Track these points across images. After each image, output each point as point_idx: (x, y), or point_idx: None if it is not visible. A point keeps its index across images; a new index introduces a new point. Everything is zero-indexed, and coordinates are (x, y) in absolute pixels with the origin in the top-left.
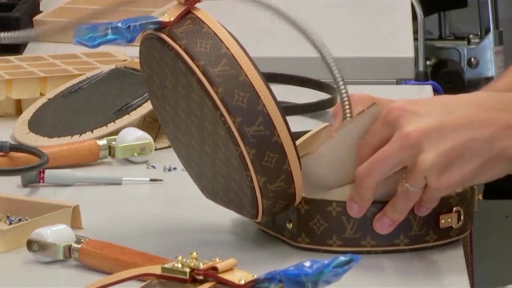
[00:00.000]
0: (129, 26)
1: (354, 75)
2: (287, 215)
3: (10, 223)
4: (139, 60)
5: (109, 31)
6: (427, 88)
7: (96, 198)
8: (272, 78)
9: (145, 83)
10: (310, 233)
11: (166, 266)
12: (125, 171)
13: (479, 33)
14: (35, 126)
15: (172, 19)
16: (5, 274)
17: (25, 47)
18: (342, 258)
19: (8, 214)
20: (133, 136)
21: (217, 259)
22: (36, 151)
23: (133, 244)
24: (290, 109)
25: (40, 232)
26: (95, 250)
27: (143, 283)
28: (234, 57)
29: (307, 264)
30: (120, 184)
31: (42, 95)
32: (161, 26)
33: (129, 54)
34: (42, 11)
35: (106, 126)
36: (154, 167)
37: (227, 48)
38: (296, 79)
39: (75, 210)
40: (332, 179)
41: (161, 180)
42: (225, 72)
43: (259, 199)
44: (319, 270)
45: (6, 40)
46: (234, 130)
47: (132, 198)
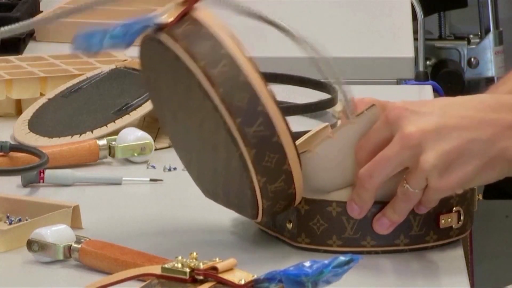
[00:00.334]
0: (127, 32)
1: (354, 75)
2: (287, 215)
3: (10, 223)
4: (139, 61)
5: (107, 37)
6: (427, 88)
7: (96, 198)
8: (272, 78)
9: (145, 84)
10: (310, 233)
11: (166, 266)
12: (125, 171)
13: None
14: (35, 126)
15: (171, 20)
16: (5, 274)
17: (25, 47)
18: (342, 258)
19: (8, 214)
20: (133, 136)
21: (217, 259)
22: (36, 151)
23: (133, 244)
24: (290, 109)
25: (40, 232)
26: (95, 250)
27: (143, 283)
28: (234, 57)
29: (307, 264)
30: (120, 184)
31: (42, 95)
32: (160, 27)
33: (129, 54)
34: (42, 11)
35: (106, 126)
36: (154, 167)
37: (227, 49)
38: (296, 79)
39: (75, 210)
40: (329, 180)
41: (161, 180)
42: (224, 73)
43: (259, 199)
44: (319, 270)
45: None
46: (234, 131)
47: (132, 198)
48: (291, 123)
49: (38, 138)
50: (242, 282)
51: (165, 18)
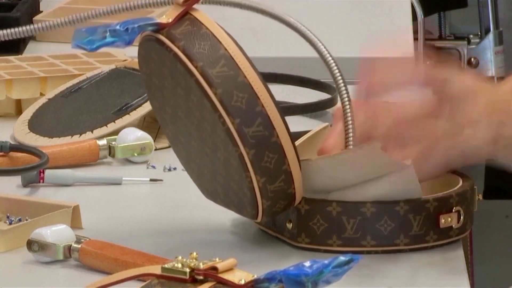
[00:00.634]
0: (127, 29)
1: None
2: (287, 215)
3: (10, 223)
4: (138, 61)
5: (107, 34)
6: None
7: (96, 198)
8: (272, 78)
9: (144, 84)
10: (310, 233)
11: (166, 266)
12: (125, 171)
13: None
14: (35, 126)
15: (170, 20)
16: (5, 274)
17: (25, 47)
18: (342, 258)
19: (8, 214)
20: (133, 136)
21: (217, 259)
22: (36, 151)
23: (133, 244)
24: (290, 109)
25: (40, 232)
26: (95, 250)
27: (143, 283)
28: (233, 58)
29: (307, 264)
30: (120, 184)
31: (42, 95)
32: (159, 28)
33: (129, 54)
34: (42, 11)
35: (106, 126)
36: (154, 167)
37: (225, 49)
38: (296, 79)
39: (75, 210)
40: (327, 186)
41: (161, 180)
42: (223, 73)
43: (259, 199)
44: (319, 270)
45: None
46: (233, 131)
47: (132, 198)
48: (291, 123)
49: (38, 138)
50: (242, 282)
51: (164, 19)
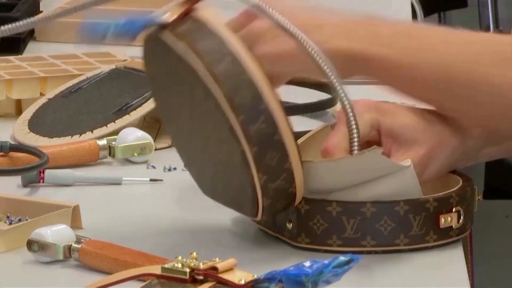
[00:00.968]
0: (131, 24)
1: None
2: (287, 215)
3: (10, 223)
4: (141, 60)
5: (112, 27)
6: None
7: (96, 198)
8: None
9: (147, 82)
10: (310, 233)
11: (166, 266)
12: (125, 171)
13: None
14: (35, 126)
15: (174, 18)
16: (5, 274)
17: (25, 47)
18: (342, 258)
19: (8, 214)
20: (133, 136)
21: (217, 259)
22: (36, 151)
23: (133, 244)
24: (290, 109)
25: (40, 232)
26: (95, 250)
27: (143, 283)
28: (238, 55)
29: (307, 264)
30: (120, 184)
31: (42, 95)
32: (163, 25)
33: (129, 54)
34: (42, 11)
35: (106, 126)
36: (154, 167)
37: (231, 47)
38: (296, 79)
39: (75, 210)
40: (329, 189)
41: (161, 180)
42: (228, 70)
43: (259, 197)
44: (319, 270)
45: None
46: (237, 128)
47: (132, 198)
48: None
49: (38, 138)
50: (242, 282)
51: (167, 17)
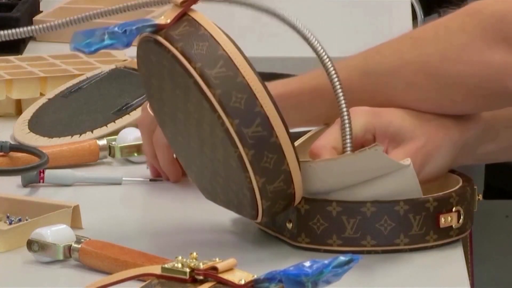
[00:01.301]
0: (125, 31)
1: None
2: (287, 215)
3: (10, 223)
4: (137, 62)
5: (106, 36)
6: None
7: (96, 198)
8: (272, 78)
9: (143, 85)
10: (310, 233)
11: (166, 266)
12: (125, 171)
13: None
14: (35, 126)
15: (168, 21)
16: (5, 274)
17: (25, 47)
18: (342, 258)
19: (8, 214)
20: (133, 136)
21: (217, 259)
22: (36, 151)
23: (133, 244)
24: None
25: (40, 232)
26: (95, 250)
27: (143, 283)
28: (231, 58)
29: (307, 264)
30: (120, 184)
31: (42, 95)
32: (157, 29)
33: (129, 54)
34: (42, 11)
35: (106, 126)
36: None
37: (224, 50)
38: None
39: (75, 210)
40: (329, 189)
41: (161, 180)
42: (222, 74)
43: (258, 199)
44: (319, 270)
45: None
46: (232, 132)
47: (132, 198)
48: None
49: (38, 138)
50: (242, 282)
51: (162, 20)
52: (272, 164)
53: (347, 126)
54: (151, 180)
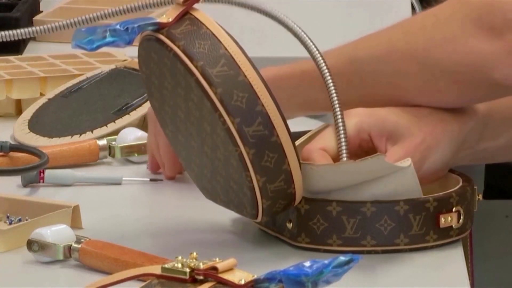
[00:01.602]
0: (127, 28)
1: None
2: (287, 215)
3: (10, 223)
4: (138, 61)
5: (107, 34)
6: None
7: (96, 198)
8: None
9: (144, 84)
10: (310, 233)
11: (166, 266)
12: (125, 171)
13: None
14: (35, 126)
15: (170, 20)
16: (5, 274)
17: (25, 47)
18: (342, 258)
19: (8, 214)
20: (133, 136)
21: (217, 259)
22: (36, 151)
23: (133, 244)
24: None
25: (40, 232)
26: (95, 250)
27: (143, 283)
28: (233, 57)
29: (307, 264)
30: (120, 184)
31: (42, 95)
32: (159, 27)
33: (129, 54)
34: (42, 11)
35: (106, 126)
36: None
37: (226, 49)
38: None
39: (75, 210)
40: (329, 189)
41: (161, 180)
42: (223, 73)
43: (259, 199)
44: (319, 270)
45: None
46: (233, 131)
47: (132, 198)
48: (291, 123)
49: (38, 138)
50: (242, 282)
51: (164, 18)
52: (273, 164)
53: (341, 127)
54: (151, 180)
